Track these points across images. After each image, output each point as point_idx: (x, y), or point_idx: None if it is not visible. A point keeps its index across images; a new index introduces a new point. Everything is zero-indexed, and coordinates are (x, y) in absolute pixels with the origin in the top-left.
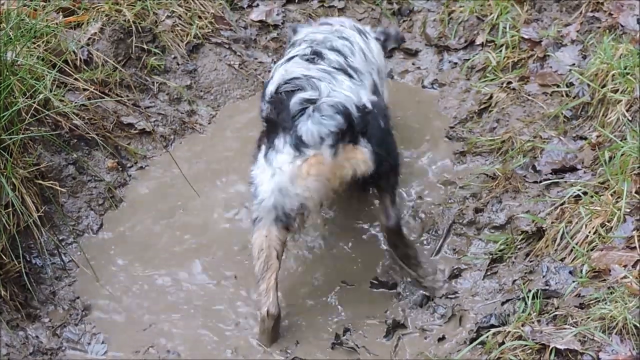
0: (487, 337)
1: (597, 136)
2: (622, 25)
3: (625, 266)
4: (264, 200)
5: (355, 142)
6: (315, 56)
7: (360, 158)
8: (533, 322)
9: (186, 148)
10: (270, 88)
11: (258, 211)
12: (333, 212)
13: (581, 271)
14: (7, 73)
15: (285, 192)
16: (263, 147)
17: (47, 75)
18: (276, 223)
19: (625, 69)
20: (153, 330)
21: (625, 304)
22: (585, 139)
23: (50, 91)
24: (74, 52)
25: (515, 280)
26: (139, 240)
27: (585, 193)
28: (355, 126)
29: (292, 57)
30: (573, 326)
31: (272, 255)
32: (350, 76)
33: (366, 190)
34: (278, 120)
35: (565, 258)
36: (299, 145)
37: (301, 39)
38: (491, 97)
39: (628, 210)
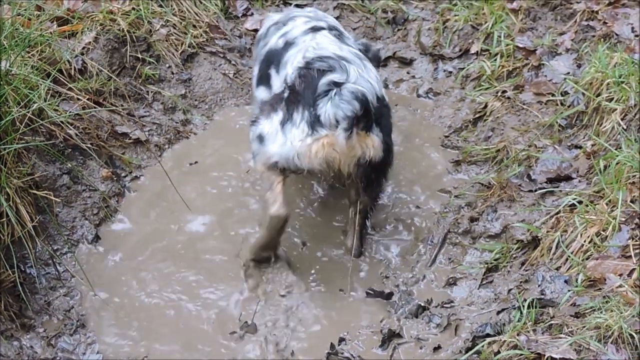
0: (483, 346)
1: (592, 145)
2: (616, 34)
3: (620, 275)
4: (269, 156)
5: (369, 130)
6: (338, 33)
7: (371, 145)
8: (528, 332)
9: (180, 157)
10: (298, 57)
11: (261, 156)
12: (331, 220)
13: (576, 280)
14: (2, 82)
15: (291, 162)
16: (280, 112)
17: (41, 84)
18: (270, 169)
19: (620, 77)
20: (148, 340)
21: (621, 313)
22: (580, 147)
23: (45, 101)
24: (68, 61)
25: (510, 290)
26: (134, 250)
27: (580, 202)
28: (371, 115)
29: (317, 29)
30: (569, 335)
31: (277, 174)
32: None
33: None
34: (303, 94)
35: (560, 267)
36: (315, 124)
37: (284, 18)
38: (486, 106)
39: (623, 219)
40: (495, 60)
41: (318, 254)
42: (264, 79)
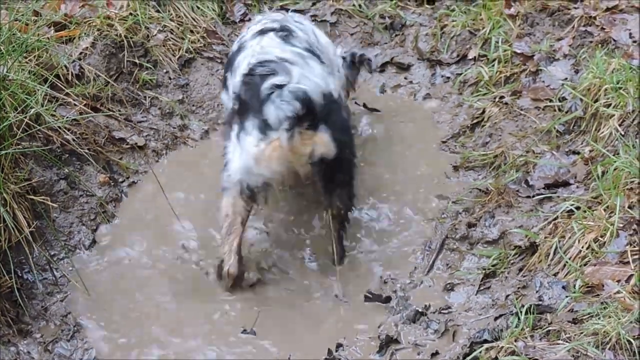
0: (481, 352)
1: (590, 151)
2: (614, 40)
3: (618, 281)
4: (232, 175)
5: (315, 129)
6: (287, 33)
7: (320, 142)
8: (526, 338)
9: (177, 163)
10: (244, 64)
11: (227, 182)
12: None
13: (574, 286)
14: None
15: (250, 171)
16: (235, 127)
17: (38, 90)
18: (241, 195)
19: (617, 83)
20: (145, 346)
21: (619, 319)
22: (578, 153)
23: (42, 106)
24: (65, 66)
25: (508, 295)
26: (131, 255)
27: (578, 208)
28: (317, 113)
29: (265, 32)
30: (566, 341)
31: (237, 221)
32: (321, 61)
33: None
34: (250, 103)
35: (558, 273)
36: (264, 128)
37: (252, 22)
38: (484, 111)
39: (621, 225)
40: (493, 65)
41: (314, 260)
42: (224, 82)
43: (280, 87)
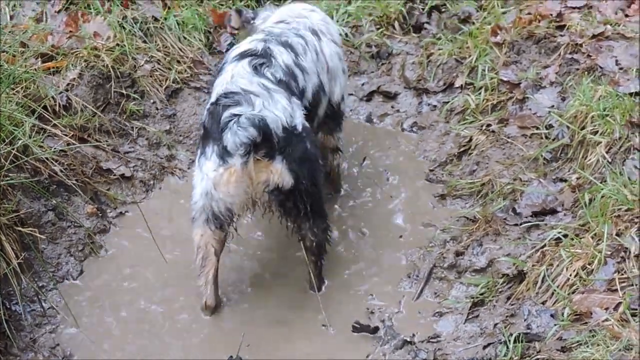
0: None
1: (577, 178)
2: (600, 67)
3: (606, 309)
4: (197, 202)
5: (271, 158)
6: (264, 61)
7: (275, 172)
8: None
9: (165, 193)
10: (214, 93)
11: (194, 211)
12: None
13: (562, 314)
14: None
15: (211, 197)
16: (198, 153)
17: (26, 121)
18: (208, 223)
19: (604, 110)
20: None
21: (607, 347)
22: (565, 181)
23: (29, 137)
24: (52, 97)
25: (496, 324)
26: (120, 286)
27: (565, 235)
28: (274, 143)
29: (244, 56)
30: None
31: (210, 252)
32: (291, 93)
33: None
34: (210, 130)
35: (546, 301)
36: (224, 155)
37: (261, 23)
38: (471, 139)
39: (609, 252)
40: (480, 93)
41: (302, 289)
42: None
43: (239, 115)
